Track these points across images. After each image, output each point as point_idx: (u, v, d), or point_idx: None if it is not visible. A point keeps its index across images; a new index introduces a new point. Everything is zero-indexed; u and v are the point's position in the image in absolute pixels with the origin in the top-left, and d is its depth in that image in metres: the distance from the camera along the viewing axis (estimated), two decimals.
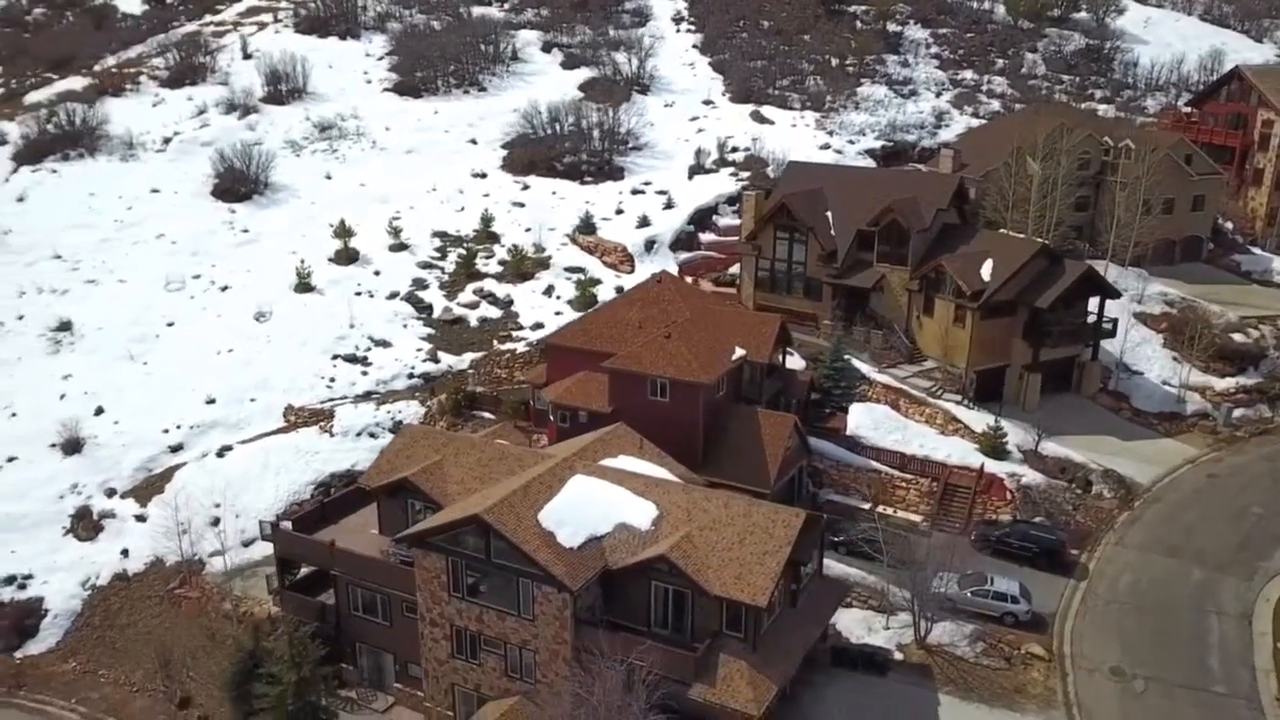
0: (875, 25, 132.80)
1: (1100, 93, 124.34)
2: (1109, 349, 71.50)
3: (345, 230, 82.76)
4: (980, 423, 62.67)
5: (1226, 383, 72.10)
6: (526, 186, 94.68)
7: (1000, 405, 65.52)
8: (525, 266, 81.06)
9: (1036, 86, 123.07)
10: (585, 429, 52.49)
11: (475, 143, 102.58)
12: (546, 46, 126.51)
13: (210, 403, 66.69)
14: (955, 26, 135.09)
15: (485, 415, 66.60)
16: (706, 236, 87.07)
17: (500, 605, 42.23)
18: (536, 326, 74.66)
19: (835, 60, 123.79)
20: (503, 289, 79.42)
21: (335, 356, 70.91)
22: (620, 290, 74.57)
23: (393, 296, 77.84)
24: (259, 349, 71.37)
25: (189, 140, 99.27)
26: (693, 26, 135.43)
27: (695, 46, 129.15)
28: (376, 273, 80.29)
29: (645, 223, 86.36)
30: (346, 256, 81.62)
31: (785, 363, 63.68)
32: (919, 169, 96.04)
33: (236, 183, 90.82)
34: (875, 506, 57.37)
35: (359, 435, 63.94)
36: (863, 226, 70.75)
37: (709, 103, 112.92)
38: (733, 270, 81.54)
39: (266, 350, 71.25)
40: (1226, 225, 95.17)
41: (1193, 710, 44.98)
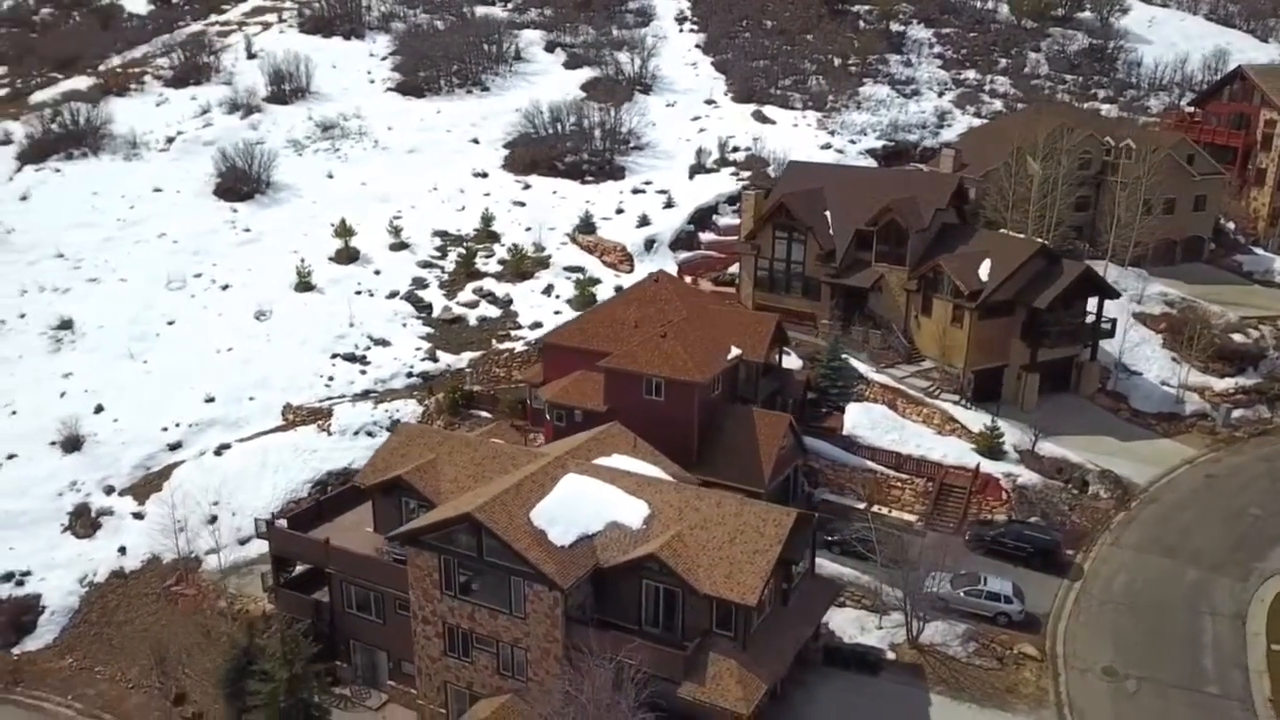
0: (878, 25, 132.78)
1: (1103, 92, 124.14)
2: (1108, 349, 71.36)
3: (346, 229, 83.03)
4: (977, 423, 62.62)
5: (1225, 383, 71.90)
6: (527, 186, 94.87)
7: (998, 405, 65.46)
8: (525, 266, 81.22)
9: (1040, 86, 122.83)
10: (581, 428, 52.56)
11: (477, 142, 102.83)
12: (549, 46, 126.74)
13: (209, 401, 66.99)
14: (959, 26, 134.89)
15: (482, 414, 66.80)
16: (706, 236, 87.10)
17: (492, 603, 42.32)
18: (535, 326, 74.79)
19: (838, 60, 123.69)
20: (502, 288, 79.58)
21: (334, 355, 71.15)
22: (619, 290, 74.60)
23: (392, 296, 78.08)
24: (259, 348, 71.67)
25: (192, 140, 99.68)
26: (695, 26, 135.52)
27: (698, 46, 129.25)
28: (377, 272, 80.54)
29: (645, 222, 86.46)
30: (347, 256, 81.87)
31: (781, 362, 63.72)
32: (920, 169, 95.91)
33: (239, 182, 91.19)
34: (870, 506, 57.37)
35: (357, 434, 64.14)
36: (861, 226, 70.67)
37: (711, 102, 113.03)
38: (732, 270, 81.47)
39: (266, 349, 71.55)
40: (1228, 225, 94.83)
41: (1185, 711, 44.96)
